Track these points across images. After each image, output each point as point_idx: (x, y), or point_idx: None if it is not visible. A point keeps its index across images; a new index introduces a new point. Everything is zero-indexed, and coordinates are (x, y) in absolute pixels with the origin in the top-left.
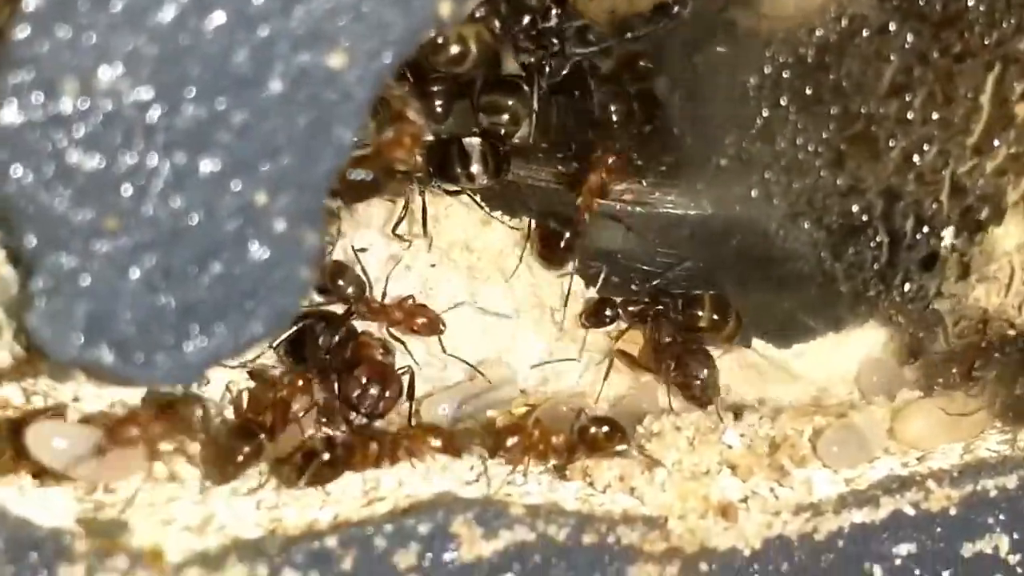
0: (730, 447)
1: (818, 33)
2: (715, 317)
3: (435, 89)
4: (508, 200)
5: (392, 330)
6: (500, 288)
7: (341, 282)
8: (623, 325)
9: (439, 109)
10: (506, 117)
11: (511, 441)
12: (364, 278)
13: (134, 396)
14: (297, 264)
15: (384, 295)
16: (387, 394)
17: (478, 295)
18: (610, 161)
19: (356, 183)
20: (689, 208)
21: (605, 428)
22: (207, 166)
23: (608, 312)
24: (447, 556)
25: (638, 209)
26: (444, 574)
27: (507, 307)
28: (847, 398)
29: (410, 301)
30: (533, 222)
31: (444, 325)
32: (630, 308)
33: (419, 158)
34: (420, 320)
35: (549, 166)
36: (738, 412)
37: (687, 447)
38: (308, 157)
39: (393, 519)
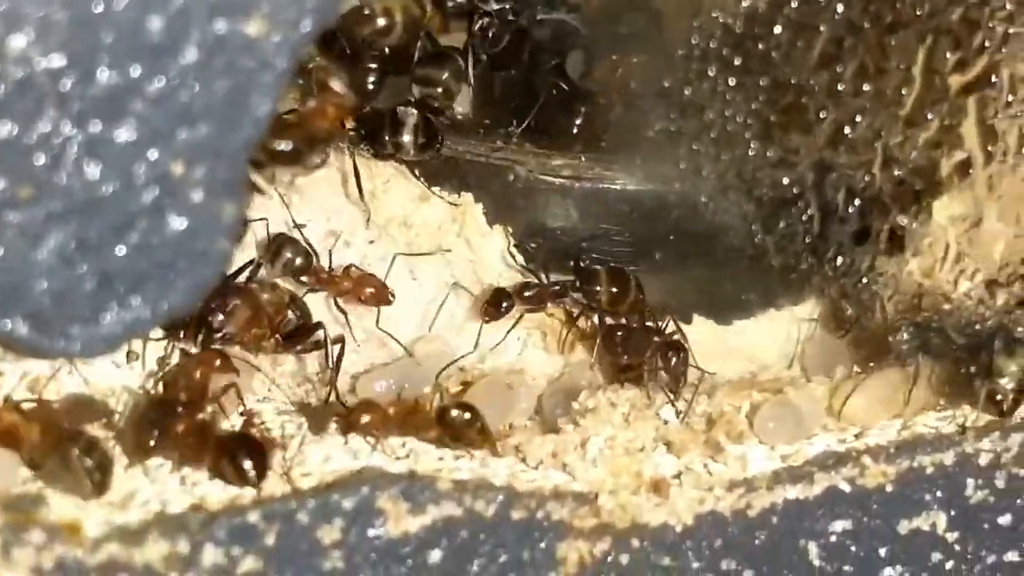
0: (666, 423)
1: (746, 3)
2: (614, 290)
3: (369, 63)
4: (447, 175)
5: (339, 301)
6: (438, 264)
7: (288, 253)
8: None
9: (371, 83)
10: (439, 91)
11: (364, 419)
12: (309, 248)
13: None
14: (216, 235)
15: (330, 269)
16: (231, 310)
17: (416, 271)
18: None
19: (279, 153)
20: (628, 183)
21: (464, 413)
22: (122, 135)
23: (504, 303)
24: (372, 532)
25: (577, 185)
26: (370, 550)
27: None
28: (785, 374)
29: (355, 270)
30: None
31: (393, 295)
32: (525, 294)
33: (347, 124)
34: (368, 289)
35: (488, 141)
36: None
37: (622, 423)
38: (226, 126)
39: (317, 494)
